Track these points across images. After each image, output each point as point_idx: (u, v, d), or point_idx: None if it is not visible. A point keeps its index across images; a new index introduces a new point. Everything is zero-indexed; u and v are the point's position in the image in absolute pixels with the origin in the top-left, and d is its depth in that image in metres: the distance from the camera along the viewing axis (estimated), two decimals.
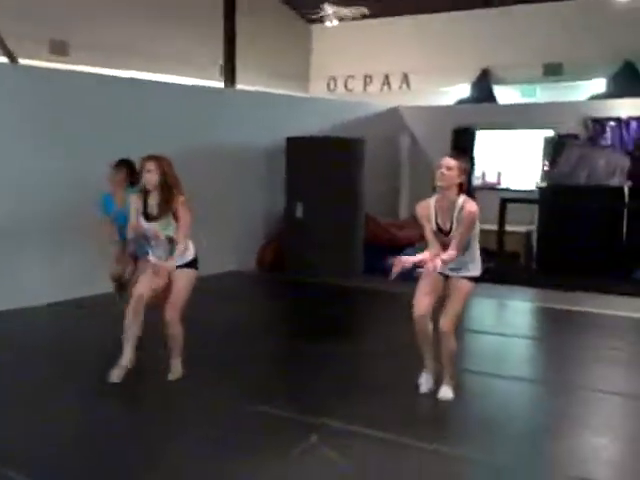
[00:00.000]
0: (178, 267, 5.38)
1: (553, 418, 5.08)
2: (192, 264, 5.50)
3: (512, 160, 13.21)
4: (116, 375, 5.40)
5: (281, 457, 4.22)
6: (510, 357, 6.74)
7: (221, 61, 12.14)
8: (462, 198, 4.96)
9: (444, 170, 4.92)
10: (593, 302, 8.74)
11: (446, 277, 5.11)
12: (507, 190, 12.32)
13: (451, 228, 4.95)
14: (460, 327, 8.16)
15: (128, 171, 6.27)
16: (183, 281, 5.43)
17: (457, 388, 5.32)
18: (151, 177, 5.29)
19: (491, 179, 13.20)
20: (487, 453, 4.36)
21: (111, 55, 12.05)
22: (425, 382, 5.35)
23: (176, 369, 5.61)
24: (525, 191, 12.16)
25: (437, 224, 5.02)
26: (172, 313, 5.44)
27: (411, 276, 5.30)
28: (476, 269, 5.14)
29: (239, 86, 12.00)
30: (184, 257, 5.42)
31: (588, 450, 4.55)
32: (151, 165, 5.30)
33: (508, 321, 8.65)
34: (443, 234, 4.99)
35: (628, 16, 12.82)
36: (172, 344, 5.59)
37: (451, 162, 4.93)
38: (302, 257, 10.08)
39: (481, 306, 8.75)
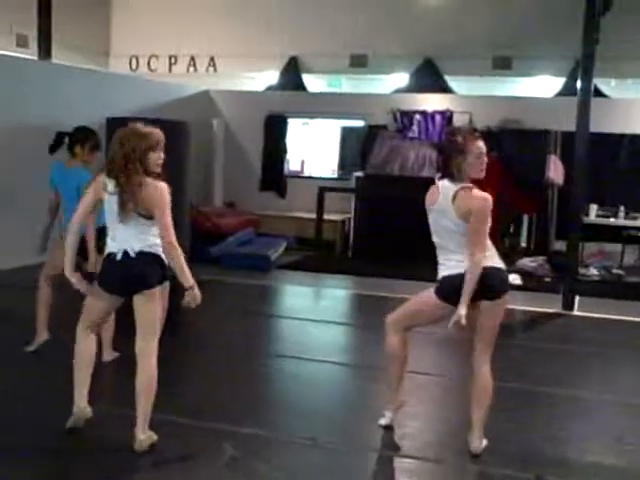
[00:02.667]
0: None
1: (360, 398, 5.32)
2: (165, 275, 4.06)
3: (319, 149, 13.39)
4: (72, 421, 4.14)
5: None
6: (322, 342, 6.86)
7: (17, 29, 11.01)
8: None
9: (486, 158, 3.98)
10: (404, 288, 8.96)
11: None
12: (323, 179, 12.46)
13: None
14: (275, 313, 8.41)
15: None
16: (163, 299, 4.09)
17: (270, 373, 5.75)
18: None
19: (299, 167, 13.30)
20: (306, 432, 4.47)
21: None
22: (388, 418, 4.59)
23: (142, 442, 3.99)
24: (339, 179, 12.42)
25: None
26: (143, 343, 4.00)
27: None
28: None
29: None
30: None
31: (397, 427, 4.62)
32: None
33: (322, 308, 8.82)
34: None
35: (429, 14, 13.44)
36: (139, 399, 3.95)
37: (484, 146, 4.01)
38: None
39: (297, 294, 9.41)
